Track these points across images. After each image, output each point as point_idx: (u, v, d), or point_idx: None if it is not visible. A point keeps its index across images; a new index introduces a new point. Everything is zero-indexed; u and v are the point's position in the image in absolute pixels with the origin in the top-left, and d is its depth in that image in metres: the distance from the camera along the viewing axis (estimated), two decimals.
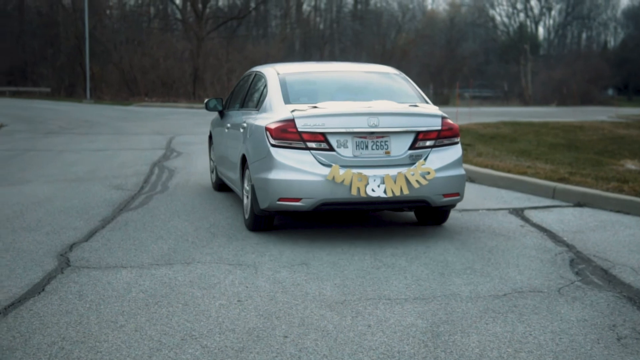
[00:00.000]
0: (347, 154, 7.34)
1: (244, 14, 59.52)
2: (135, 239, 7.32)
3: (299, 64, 9.59)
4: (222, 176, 10.01)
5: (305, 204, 7.26)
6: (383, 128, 7.39)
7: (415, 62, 66.29)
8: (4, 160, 14.03)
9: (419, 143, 7.51)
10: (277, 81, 8.26)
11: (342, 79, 8.97)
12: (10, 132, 21.23)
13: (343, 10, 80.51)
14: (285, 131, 7.36)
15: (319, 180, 7.20)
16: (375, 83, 8.83)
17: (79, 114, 32.23)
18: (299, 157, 7.31)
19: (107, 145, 17.29)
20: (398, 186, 7.21)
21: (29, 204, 9.21)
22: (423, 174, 7.32)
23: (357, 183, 7.15)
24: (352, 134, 7.36)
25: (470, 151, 13.80)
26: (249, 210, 7.88)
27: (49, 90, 57.44)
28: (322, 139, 7.33)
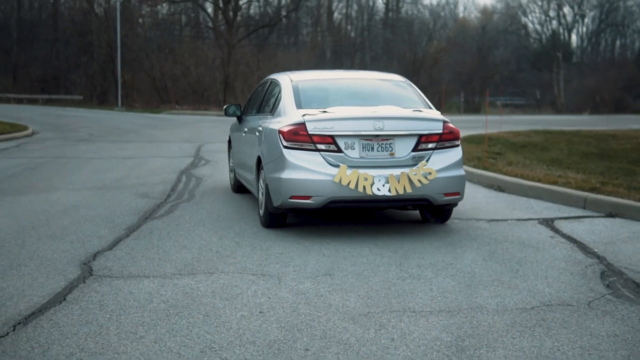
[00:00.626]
0: (354, 155, 7.89)
1: (274, 22, 59.68)
2: (159, 248, 7.27)
3: (311, 72, 10.14)
4: (239, 178, 10.61)
5: (315, 201, 7.82)
6: (388, 131, 7.94)
7: (447, 70, 66.01)
8: (34, 168, 14.09)
9: (421, 145, 8.06)
10: (291, 88, 8.87)
11: (352, 86, 9.54)
12: (42, 140, 21.39)
13: (374, 18, 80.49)
14: (297, 134, 7.93)
15: (327, 180, 7.75)
16: (382, 90, 9.36)
17: (110, 121, 32.43)
18: (309, 158, 7.87)
19: (136, 153, 17.34)
20: (401, 185, 7.76)
21: (55, 212, 9.21)
22: (425, 174, 7.86)
23: (363, 182, 7.70)
24: (358, 137, 7.92)
25: (500, 160, 13.64)
26: (264, 208, 8.43)
27: (81, 97, 57.98)
28: (331, 141, 7.88)
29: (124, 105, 51.47)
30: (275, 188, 8.02)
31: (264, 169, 8.41)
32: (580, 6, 79.33)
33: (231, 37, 51.95)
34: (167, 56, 55.39)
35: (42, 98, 60.72)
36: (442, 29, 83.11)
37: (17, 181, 12.15)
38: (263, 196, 8.47)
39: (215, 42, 55.04)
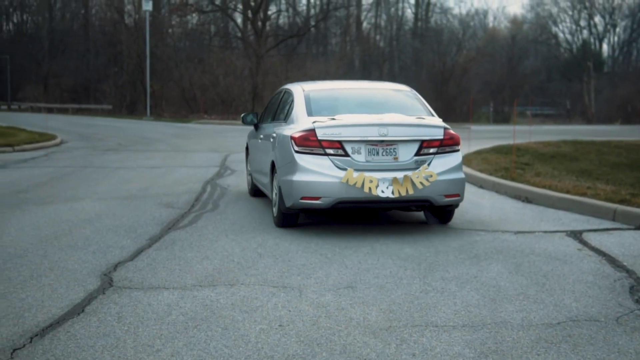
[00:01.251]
0: (360, 159, 8.50)
1: (303, 32, 59.73)
2: (180, 258, 7.21)
3: (323, 82, 11.09)
4: (256, 182, 11.26)
5: (323, 202, 8.43)
6: (392, 137, 8.55)
7: (476, 80, 65.68)
8: (60, 177, 14.14)
9: (423, 150, 8.66)
10: (302, 97, 9.53)
11: (359, 95, 10.23)
12: (70, 149, 21.51)
13: (403, 27, 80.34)
14: (307, 139, 8.56)
15: (335, 182, 8.36)
16: (388, 99, 9.99)
17: (138, 131, 32.58)
18: (319, 162, 8.49)
19: (163, 162, 17.35)
20: (404, 187, 8.35)
21: (79, 222, 9.20)
22: (426, 176, 8.44)
23: (369, 184, 8.29)
24: (364, 142, 8.53)
25: (528, 171, 13.46)
26: (277, 209, 9.06)
27: (111, 107, 58.37)
28: (339, 146, 8.51)
29: (152, 114, 51.73)
30: (287, 190, 8.62)
31: (277, 173, 9.02)
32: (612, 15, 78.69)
33: (260, 47, 52.06)
34: (196, 66, 55.61)
35: (72, 107, 61.25)
36: (471, 39, 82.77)
37: (43, 190, 12.19)
38: (277, 198, 9.06)
39: (244, 52, 55.18)
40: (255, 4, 54.36)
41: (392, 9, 78.38)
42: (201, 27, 64.98)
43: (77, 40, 73.91)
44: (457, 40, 77.08)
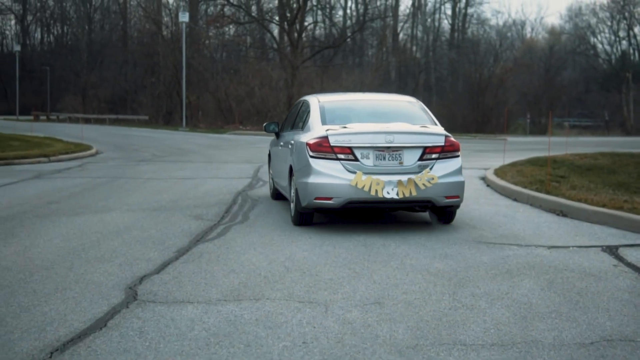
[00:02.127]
0: (368, 163, 9.39)
1: (338, 43, 59.71)
2: (207, 272, 7.13)
3: (338, 94, 12.27)
4: (277, 186, 12.14)
5: (335, 202, 9.34)
6: (397, 143, 9.43)
7: (513, 91, 65.07)
8: (92, 188, 14.17)
9: (426, 155, 9.52)
10: (318, 107, 10.50)
11: (369, 105, 11.24)
12: (105, 159, 21.63)
13: (440, 38, 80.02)
14: (321, 145, 9.48)
15: (346, 184, 9.25)
16: (395, 109, 11.01)
17: (173, 141, 32.71)
18: (331, 166, 9.40)
19: (195, 173, 17.35)
20: (408, 189, 9.24)
21: (107, 233, 9.17)
22: (428, 179, 9.31)
23: (376, 186, 9.18)
24: (372, 148, 9.42)
25: (563, 183, 13.22)
26: (294, 208, 9.94)
27: (147, 118, 58.78)
28: (349, 151, 9.40)
29: (188, 125, 51.99)
30: (303, 191, 9.55)
31: (294, 176, 9.95)
32: None
33: (295, 58, 52.11)
34: (232, 77, 55.83)
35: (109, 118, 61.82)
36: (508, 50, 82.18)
37: (74, 201, 12.21)
38: (294, 198, 9.95)
39: (280, 63, 55.28)
40: (291, 15, 54.45)
41: (428, 20, 78.16)
42: (237, 38, 65.27)
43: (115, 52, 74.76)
44: (494, 51, 76.58)
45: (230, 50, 64.60)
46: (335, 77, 55.86)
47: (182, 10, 59.10)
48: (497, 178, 14.75)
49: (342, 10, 76.85)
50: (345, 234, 9.20)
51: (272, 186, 12.78)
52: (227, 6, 59.10)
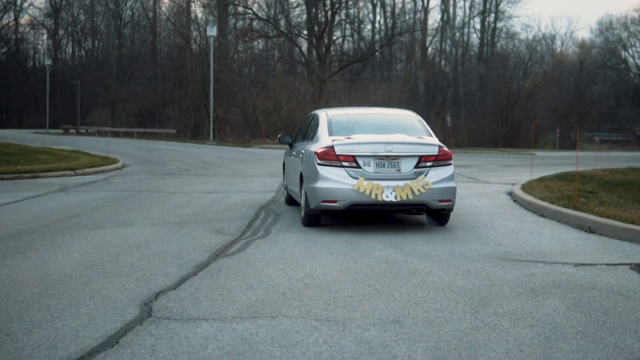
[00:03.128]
0: (369, 170, 10.51)
1: (366, 57, 59.62)
2: (224, 287, 7.00)
3: (345, 109, 13.66)
4: (290, 192, 13.22)
5: (340, 205, 10.44)
6: (396, 153, 10.56)
7: (542, 105, 64.54)
8: (115, 202, 14.13)
9: (421, 163, 10.64)
10: (326, 120, 11.70)
11: (372, 119, 12.49)
12: (130, 173, 21.64)
13: (468, 52, 79.67)
14: (327, 154, 10.62)
15: (349, 188, 10.36)
16: (395, 122, 12.14)
17: (199, 155, 32.73)
18: (336, 172, 10.53)
19: (219, 187, 17.28)
20: (405, 193, 10.32)
21: (127, 248, 9.08)
22: (423, 185, 10.41)
23: (376, 191, 10.29)
24: (373, 157, 10.55)
25: (592, 199, 12.95)
26: (304, 211, 11.07)
27: (175, 131, 58.98)
28: (353, 160, 10.53)
29: (215, 139, 52.09)
30: (311, 195, 10.65)
31: (304, 182, 11.05)
32: None
33: (323, 72, 52.06)
34: (260, 91, 55.92)
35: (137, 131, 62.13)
36: (538, 64, 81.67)
37: (96, 215, 12.15)
38: (304, 202, 11.05)
39: (307, 77, 55.25)
40: (318, 29, 54.46)
41: (457, 34, 77.86)
42: (266, 52, 65.41)
43: (144, 66, 75.25)
44: (523, 65, 76.10)
45: (259, 65, 64.73)
46: (363, 91, 55.72)
47: (210, 24, 59.30)
48: (523, 193, 14.51)
49: (371, 25, 76.88)
50: (367, 251, 9.04)
51: (286, 192, 13.87)
52: (255, 20, 59.29)
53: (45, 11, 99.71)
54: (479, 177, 20.88)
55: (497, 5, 76.34)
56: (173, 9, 73.88)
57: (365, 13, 75.54)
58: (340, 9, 58.36)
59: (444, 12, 75.94)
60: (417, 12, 77.32)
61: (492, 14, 76.54)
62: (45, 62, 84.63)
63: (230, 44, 64.78)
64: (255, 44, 65.89)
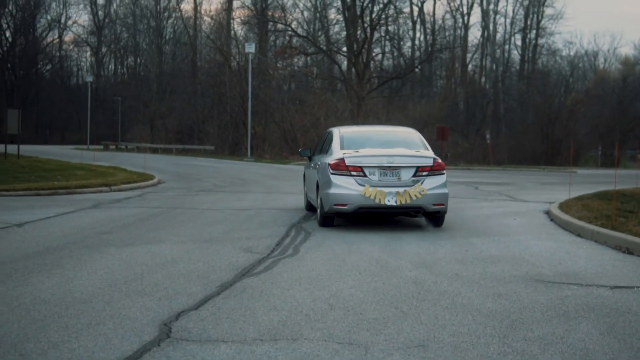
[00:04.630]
0: (374, 179, 12.47)
1: (405, 74, 59.42)
2: (247, 308, 6.85)
3: (355, 127, 16.65)
4: (309, 198, 15.08)
5: (349, 208, 12.40)
6: (397, 164, 12.52)
7: (584, 123, 63.75)
8: (147, 218, 14.08)
9: (418, 173, 12.56)
10: (338, 136, 13.74)
11: (378, 135, 14.51)
12: (165, 189, 21.65)
13: (509, 69, 79.07)
14: (339, 165, 12.59)
15: (357, 194, 12.33)
16: (398, 138, 14.23)
17: (236, 172, 32.75)
18: (346, 180, 12.49)
19: (253, 204, 17.18)
20: (404, 198, 12.27)
21: (153, 266, 8.98)
22: (420, 191, 12.35)
23: (379, 196, 12.26)
24: (377, 167, 12.50)
25: (631, 219, 12.59)
26: (320, 214, 13.00)
27: (213, 148, 59.19)
28: (360, 170, 12.50)
29: (253, 155, 52.16)
30: (325, 199, 12.60)
31: (320, 189, 12.97)
32: None
33: (361, 89, 51.92)
34: (298, 107, 55.95)
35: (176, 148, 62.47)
36: (580, 81, 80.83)
37: (126, 232, 12.10)
38: (320, 206, 12.93)
39: (346, 93, 55.15)
40: (357, 46, 54.40)
41: (497, 51, 77.31)
42: (305, 69, 65.52)
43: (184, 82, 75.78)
44: (565, 82, 75.34)
45: (298, 81, 64.84)
46: (402, 108, 55.53)
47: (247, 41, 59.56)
48: (561, 212, 14.19)
49: (411, 42, 76.67)
50: (396, 271, 8.84)
51: (306, 199, 15.70)
52: (294, 37, 59.43)
53: (89, 29, 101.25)
54: (516, 195, 20.55)
55: (539, 22, 75.80)
56: (213, 26, 74.43)
57: (405, 30, 75.46)
58: (379, 26, 58.30)
59: (484, 29, 75.58)
60: (458, 28, 77.05)
61: (534, 31, 75.98)
62: (87, 79, 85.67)
63: (270, 61, 64.99)
64: (295, 61, 66.05)
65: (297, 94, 61.63)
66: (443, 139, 45.94)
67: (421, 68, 71.13)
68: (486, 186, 24.98)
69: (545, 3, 75.02)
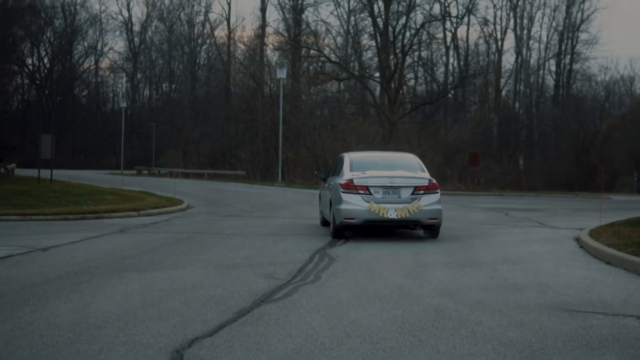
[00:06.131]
0: (378, 196, 14.65)
1: (437, 99, 59.27)
2: (262, 335, 6.73)
3: (363, 152, 19.82)
4: (323, 215, 17.32)
5: (357, 221, 14.60)
6: (397, 184, 14.72)
7: (619, 148, 62.99)
8: (171, 243, 14.06)
9: (416, 192, 14.70)
10: (348, 160, 16.06)
11: (382, 160, 16.78)
12: (193, 214, 21.66)
13: (544, 95, 78.55)
14: (348, 185, 14.79)
15: (364, 209, 14.54)
16: (399, 162, 16.50)
17: (265, 197, 32.73)
18: (355, 198, 14.67)
19: (279, 229, 17.10)
20: (403, 212, 14.41)
21: (171, 291, 8.89)
22: (417, 207, 14.47)
23: (383, 211, 14.43)
24: (381, 187, 14.72)
25: None
26: (332, 227, 15.15)
27: (244, 173, 59.34)
28: (366, 189, 14.70)
29: (284, 180, 52.18)
30: (337, 214, 14.79)
31: (332, 205, 15.18)
32: None
33: (393, 115, 51.82)
34: (329, 132, 55.95)
35: (208, 173, 62.71)
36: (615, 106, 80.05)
37: (149, 257, 12.06)
38: (332, 220, 15.13)
39: (377, 118, 55.05)
40: (388, 71, 54.37)
41: (532, 77, 76.86)
42: (337, 94, 65.60)
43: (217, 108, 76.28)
44: (600, 107, 74.65)
45: (330, 106, 64.91)
46: (434, 133, 55.32)
47: (279, 67, 59.80)
48: (590, 239, 13.92)
49: (444, 67, 76.47)
50: (417, 298, 8.67)
51: (321, 216, 17.93)
52: (327, 63, 59.54)
53: (125, 55, 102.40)
54: (546, 222, 20.25)
55: (573, 47, 75.22)
56: (247, 52, 74.89)
57: (438, 55, 75.30)
58: (411, 51, 58.26)
59: (518, 54, 75.21)
60: (491, 54, 76.73)
61: (568, 56, 75.42)
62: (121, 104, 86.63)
63: (302, 86, 65.16)
64: (328, 86, 66.15)
65: (328, 119, 61.65)
66: (475, 165, 45.64)
67: (454, 93, 70.87)
68: (517, 212, 24.69)
69: (579, 28, 74.48)
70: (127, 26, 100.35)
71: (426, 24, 59.61)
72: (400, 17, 57.77)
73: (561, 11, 75.27)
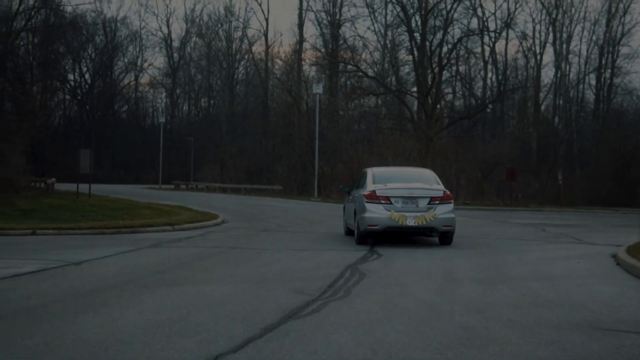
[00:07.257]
0: (398, 206, 16.26)
1: (474, 114, 58.94)
2: (287, 352, 6.68)
3: (384, 167, 23.10)
4: (347, 224, 18.99)
5: (379, 228, 16.23)
6: (415, 195, 16.34)
7: None
8: (204, 258, 14.09)
9: (432, 202, 16.28)
10: (372, 174, 17.80)
11: (402, 173, 18.74)
12: (227, 229, 21.71)
13: (584, 109, 77.71)
14: (371, 196, 16.39)
15: (385, 217, 16.17)
16: (417, 175, 18.43)
17: (301, 212, 32.74)
18: (377, 207, 16.26)
19: (312, 245, 17.07)
20: (421, 220, 16.00)
21: (200, 306, 8.89)
22: (433, 216, 16.09)
23: (402, 219, 16.05)
24: (401, 197, 16.34)
25: None
26: (357, 234, 16.81)
27: (281, 188, 59.45)
28: (387, 199, 16.31)
29: (320, 195, 52.17)
30: (361, 222, 16.39)
31: (357, 214, 16.79)
32: None
33: (430, 129, 51.61)
34: (365, 147, 55.89)
35: (245, 187, 62.94)
36: None
37: (180, 271, 12.10)
38: (356, 228, 16.81)
39: (414, 133, 54.85)
40: (425, 86, 54.22)
41: (571, 91, 76.11)
42: (374, 109, 65.59)
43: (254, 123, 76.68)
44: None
45: (367, 121, 64.91)
46: (471, 148, 54.92)
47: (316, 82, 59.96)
48: (628, 256, 13.67)
49: (482, 81, 76.04)
50: (446, 315, 8.56)
51: (345, 226, 19.66)
52: (364, 78, 59.52)
53: (164, 71, 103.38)
54: (583, 238, 19.95)
55: (614, 62, 74.27)
56: (284, 67, 75.24)
57: (476, 70, 74.91)
58: (449, 65, 58.06)
59: (557, 69, 74.53)
60: (530, 68, 76.11)
61: (609, 70, 74.55)
62: (160, 119, 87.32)
63: (339, 101, 65.25)
64: (365, 101, 66.15)
65: (365, 134, 61.60)
66: (513, 180, 45.18)
67: (492, 108, 70.42)
68: (554, 228, 24.37)
69: (620, 42, 73.60)
70: (166, 42, 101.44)
71: (464, 38, 59.38)
72: (437, 31, 57.65)
73: (601, 25, 74.43)
